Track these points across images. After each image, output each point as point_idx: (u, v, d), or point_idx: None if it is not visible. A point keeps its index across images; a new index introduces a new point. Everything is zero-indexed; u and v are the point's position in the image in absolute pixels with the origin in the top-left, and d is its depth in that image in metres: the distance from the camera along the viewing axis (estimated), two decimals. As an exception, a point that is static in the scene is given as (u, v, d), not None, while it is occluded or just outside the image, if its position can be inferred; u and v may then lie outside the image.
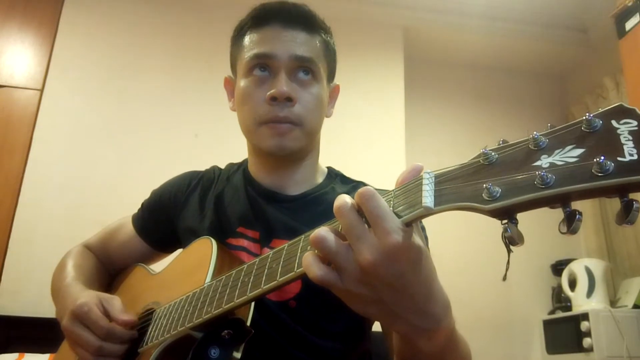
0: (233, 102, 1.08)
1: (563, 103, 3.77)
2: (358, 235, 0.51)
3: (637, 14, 2.41)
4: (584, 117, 0.41)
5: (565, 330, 2.91)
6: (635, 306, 2.84)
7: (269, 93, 0.96)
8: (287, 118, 0.96)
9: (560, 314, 3.10)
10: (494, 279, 3.19)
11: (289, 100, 0.96)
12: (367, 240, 0.51)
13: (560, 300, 3.16)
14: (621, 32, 2.49)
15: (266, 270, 0.66)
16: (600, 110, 0.42)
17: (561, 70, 3.83)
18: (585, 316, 2.73)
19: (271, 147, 0.97)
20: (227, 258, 0.87)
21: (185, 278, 0.88)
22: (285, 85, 0.96)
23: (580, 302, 2.96)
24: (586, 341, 2.66)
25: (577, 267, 3.07)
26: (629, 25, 2.45)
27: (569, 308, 3.06)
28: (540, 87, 3.79)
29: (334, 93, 1.12)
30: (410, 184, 0.53)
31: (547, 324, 3.11)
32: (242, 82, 1.01)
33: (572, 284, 3.06)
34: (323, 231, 0.53)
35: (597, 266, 3.03)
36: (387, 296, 0.53)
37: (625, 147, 0.39)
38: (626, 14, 2.46)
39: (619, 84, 3.23)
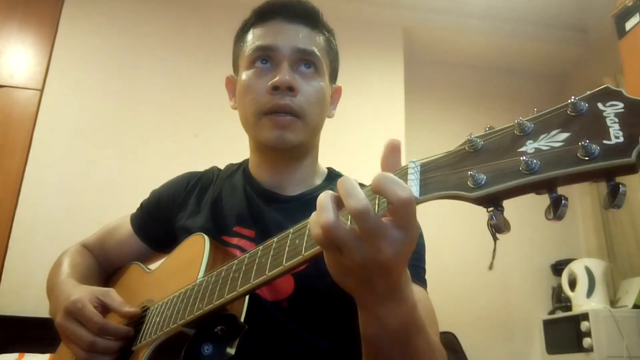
0: (234, 100, 1.07)
1: (563, 103, 3.76)
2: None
3: (637, 14, 2.41)
4: (570, 101, 0.41)
5: (565, 330, 2.90)
6: (635, 306, 2.83)
7: (270, 82, 0.95)
8: (288, 106, 0.94)
9: (560, 314, 3.09)
10: (494, 279, 3.18)
11: (290, 89, 0.95)
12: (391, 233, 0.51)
13: (560, 300, 3.15)
14: (621, 32, 2.49)
15: (255, 265, 0.66)
16: (587, 93, 0.41)
17: (561, 70, 3.82)
18: (585, 316, 2.72)
19: (272, 140, 0.96)
20: (220, 254, 0.86)
21: (179, 275, 0.88)
22: (287, 74, 0.95)
23: (580, 302, 2.95)
24: (586, 341, 2.65)
25: (577, 267, 3.06)
26: (629, 25, 2.45)
27: (569, 308, 3.05)
28: (540, 87, 3.78)
29: (335, 94, 1.11)
30: (396, 173, 0.53)
31: (547, 324, 3.10)
32: (243, 75, 1.01)
33: (572, 284, 3.05)
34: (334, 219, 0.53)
35: (597, 266, 3.02)
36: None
37: (611, 129, 0.38)
38: (626, 14, 2.46)
39: (619, 84, 3.22)
